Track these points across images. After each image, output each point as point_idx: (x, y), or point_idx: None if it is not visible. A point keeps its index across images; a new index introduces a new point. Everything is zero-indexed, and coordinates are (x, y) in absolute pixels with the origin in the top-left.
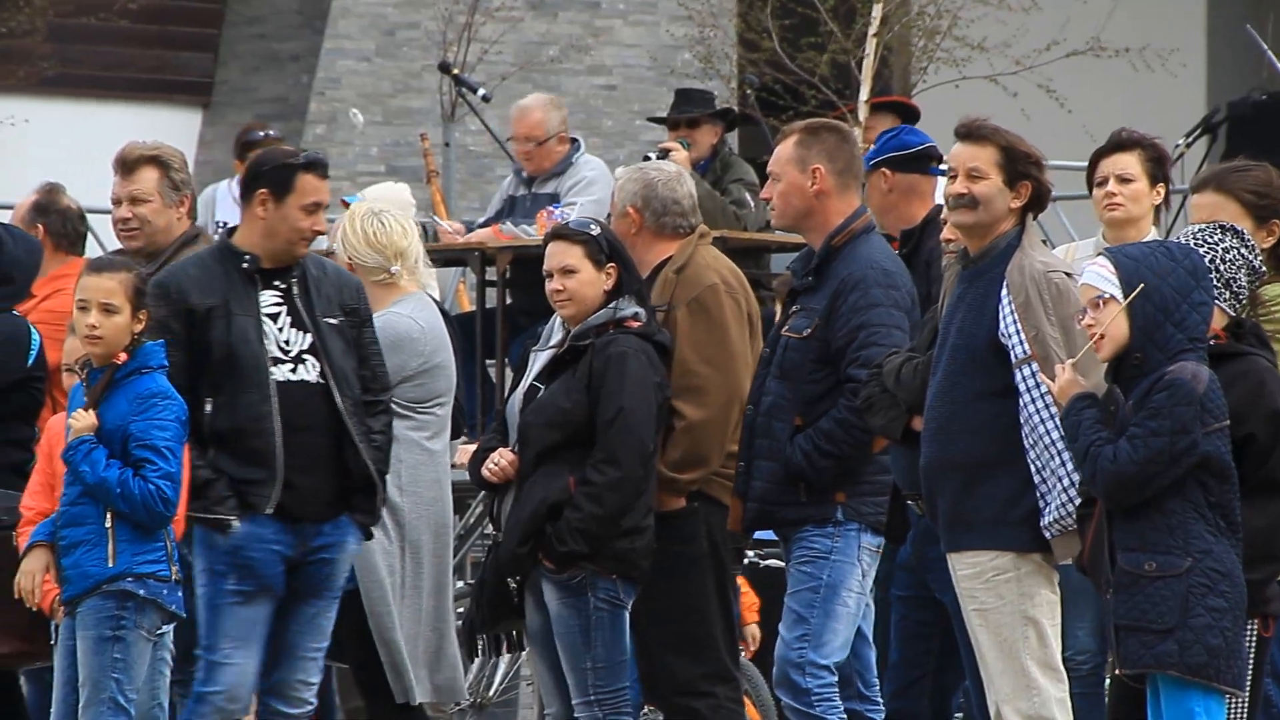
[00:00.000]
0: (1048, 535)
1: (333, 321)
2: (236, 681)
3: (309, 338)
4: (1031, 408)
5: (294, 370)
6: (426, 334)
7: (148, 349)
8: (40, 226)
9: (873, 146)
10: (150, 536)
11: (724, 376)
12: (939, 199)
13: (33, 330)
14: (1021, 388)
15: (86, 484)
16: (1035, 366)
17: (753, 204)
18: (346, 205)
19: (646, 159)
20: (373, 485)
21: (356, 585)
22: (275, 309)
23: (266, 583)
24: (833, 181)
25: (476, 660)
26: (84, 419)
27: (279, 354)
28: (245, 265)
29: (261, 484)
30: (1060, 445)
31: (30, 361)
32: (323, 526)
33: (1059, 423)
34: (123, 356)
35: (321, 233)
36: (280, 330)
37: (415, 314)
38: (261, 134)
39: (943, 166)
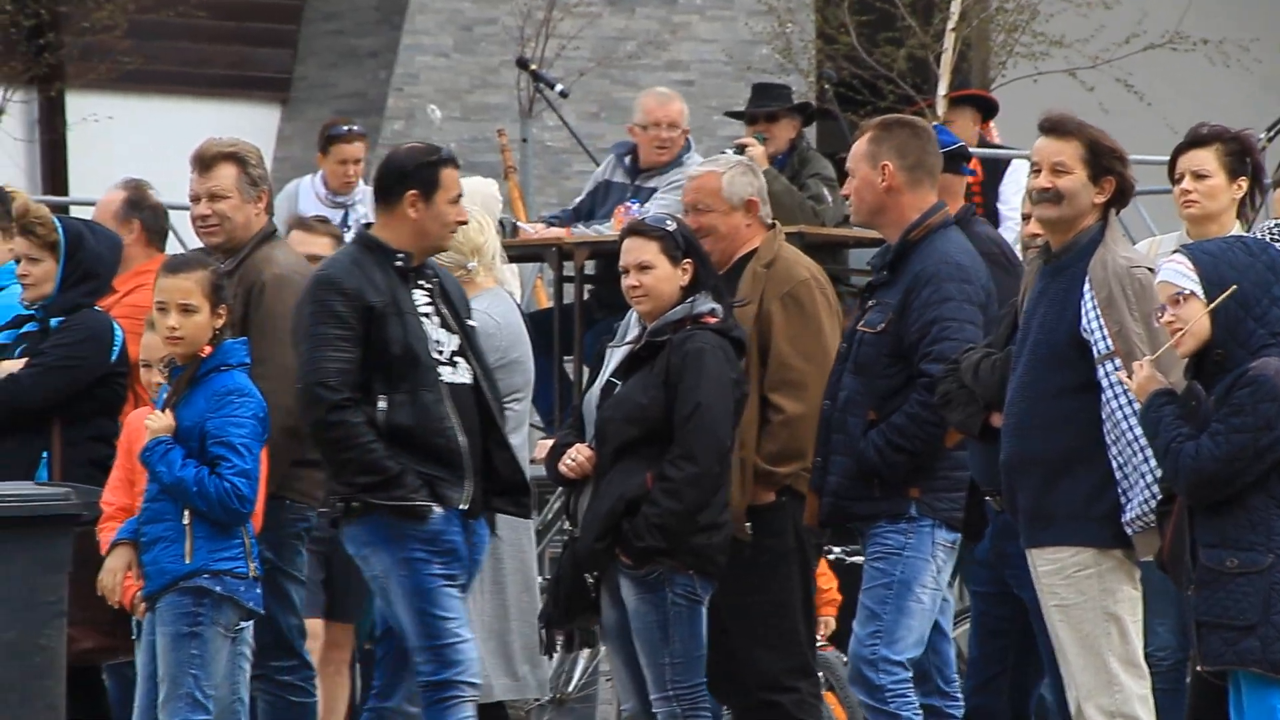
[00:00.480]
0: (1129, 531)
1: (474, 324)
2: (474, 656)
3: (457, 339)
4: (1114, 404)
5: (453, 371)
6: (503, 329)
7: (228, 346)
8: (137, 222)
9: None
10: (228, 533)
11: (821, 371)
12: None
13: (115, 325)
14: (1104, 384)
15: (163, 484)
16: (1118, 362)
17: (830, 199)
18: None
19: (722, 154)
20: (525, 486)
21: None
22: (426, 309)
23: (467, 567)
24: (903, 177)
25: (555, 655)
26: (160, 420)
27: (435, 355)
28: (399, 264)
29: (450, 482)
30: (1143, 441)
31: (114, 357)
32: (475, 524)
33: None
34: (207, 350)
35: (464, 222)
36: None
37: (491, 310)
38: (345, 129)
39: (1017, 164)
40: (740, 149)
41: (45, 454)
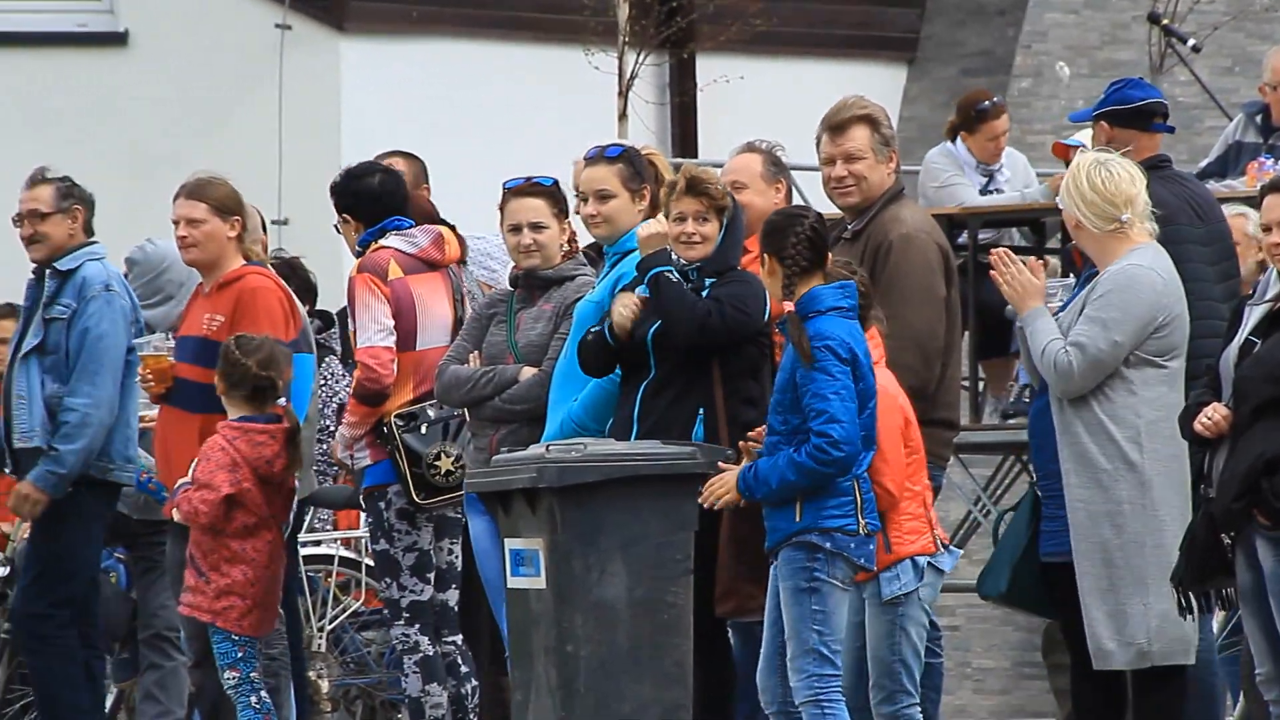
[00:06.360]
0: None
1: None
2: None
3: None
4: None
5: None
6: (1168, 284)
7: (816, 292)
8: (784, 182)
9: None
10: (836, 491)
11: None
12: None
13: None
14: None
15: (777, 498)
16: None
17: None
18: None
19: None
20: None
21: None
22: None
23: None
24: None
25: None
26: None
27: None
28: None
29: None
30: None
31: (765, 316)
32: None
33: None
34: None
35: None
36: None
37: (1155, 264)
38: (989, 103)
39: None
40: None
41: (701, 411)
